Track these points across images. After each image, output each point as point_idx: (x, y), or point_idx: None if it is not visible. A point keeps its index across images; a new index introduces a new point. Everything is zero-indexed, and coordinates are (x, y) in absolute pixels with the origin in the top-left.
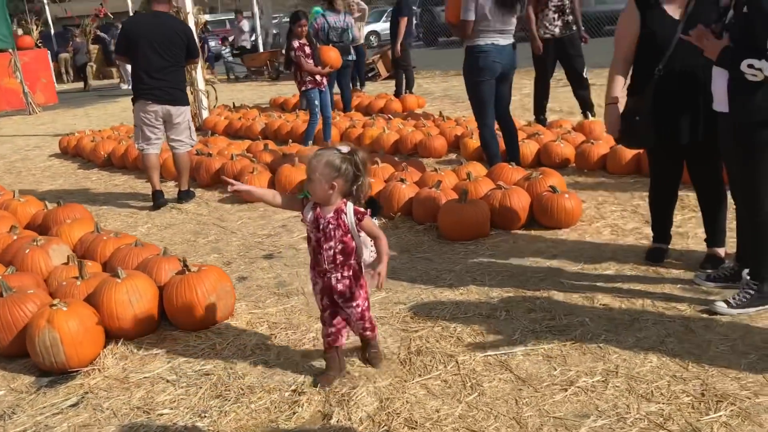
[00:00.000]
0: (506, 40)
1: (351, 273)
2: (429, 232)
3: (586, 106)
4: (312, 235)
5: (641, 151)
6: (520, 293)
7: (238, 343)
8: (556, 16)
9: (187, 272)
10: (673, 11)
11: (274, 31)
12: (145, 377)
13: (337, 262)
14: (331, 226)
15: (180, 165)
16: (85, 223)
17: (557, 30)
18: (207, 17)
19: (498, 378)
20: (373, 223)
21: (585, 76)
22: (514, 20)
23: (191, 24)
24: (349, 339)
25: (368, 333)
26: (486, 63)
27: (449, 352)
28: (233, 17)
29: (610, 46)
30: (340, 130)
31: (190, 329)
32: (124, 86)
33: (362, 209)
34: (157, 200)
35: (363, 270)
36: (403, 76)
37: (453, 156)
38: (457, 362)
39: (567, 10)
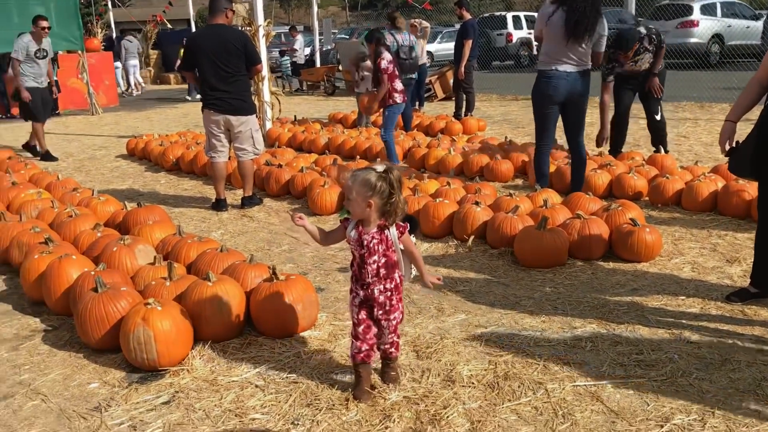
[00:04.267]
0: (574, 67)
1: (393, 285)
2: (504, 257)
3: (660, 141)
4: (356, 252)
5: (719, 189)
6: (603, 325)
7: (323, 353)
8: (646, 56)
9: (275, 280)
10: None
11: (329, 47)
12: (233, 381)
13: (381, 275)
14: (374, 241)
15: (243, 172)
16: (165, 226)
17: (643, 66)
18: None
19: (590, 409)
20: (410, 239)
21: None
22: (584, 49)
23: (261, 37)
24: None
25: (392, 350)
26: (549, 89)
27: (537, 379)
28: (287, 31)
29: (686, 79)
30: (403, 150)
31: (275, 336)
32: (189, 98)
33: (402, 224)
34: (219, 207)
35: (406, 281)
36: (464, 99)
37: (519, 181)
38: (546, 390)
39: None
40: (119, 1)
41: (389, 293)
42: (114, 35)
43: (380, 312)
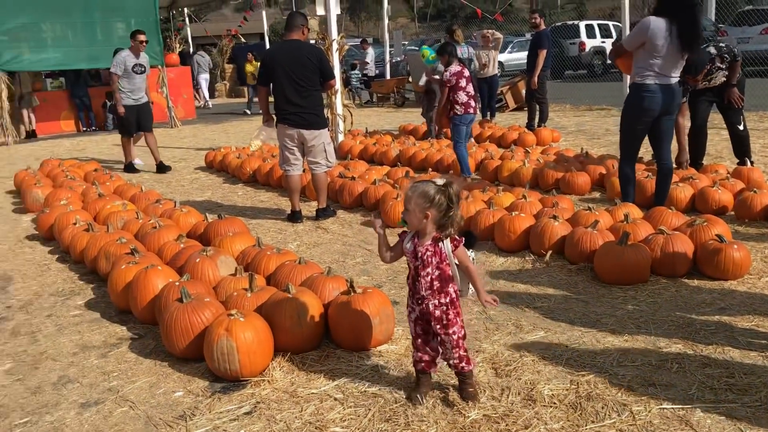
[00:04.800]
0: (675, 79)
1: (448, 300)
2: (583, 272)
3: (745, 153)
4: (411, 264)
5: None
6: (690, 345)
7: (400, 367)
8: (719, 74)
9: (352, 293)
10: None
11: (399, 58)
12: (312, 393)
13: (434, 288)
14: (428, 253)
15: (317, 184)
16: (245, 237)
17: (718, 82)
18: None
19: None
20: (465, 253)
21: (743, 123)
22: (683, 60)
23: (334, 51)
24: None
25: (463, 365)
26: (649, 103)
27: (621, 401)
28: (357, 44)
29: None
30: (476, 161)
31: (352, 349)
32: (248, 112)
33: (457, 237)
34: (294, 219)
35: (463, 297)
36: (537, 109)
37: (596, 194)
38: (631, 412)
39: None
40: (195, 17)
41: (445, 308)
42: (191, 50)
43: (438, 326)
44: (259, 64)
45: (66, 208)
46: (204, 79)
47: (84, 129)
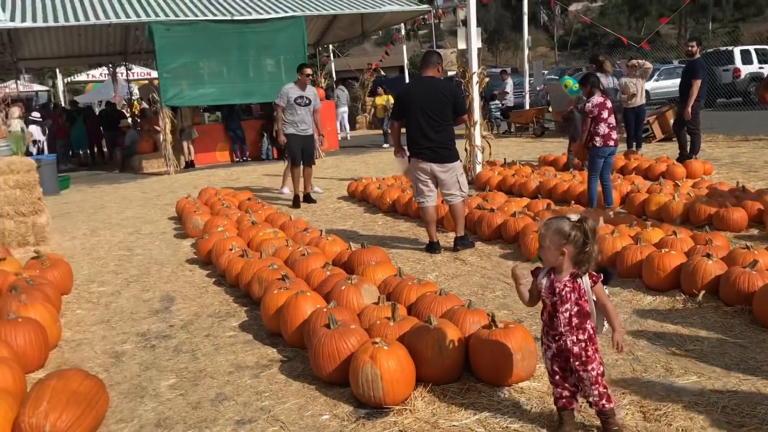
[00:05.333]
0: None
1: (586, 336)
2: (740, 315)
3: None
4: (548, 300)
5: None
6: None
7: (543, 405)
8: None
9: (494, 327)
10: None
11: (539, 88)
12: (454, 425)
13: (573, 324)
14: (567, 289)
15: (454, 213)
16: (386, 266)
17: None
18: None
19: None
20: (603, 290)
21: None
22: None
23: (474, 84)
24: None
25: (603, 403)
26: None
27: None
28: (496, 74)
29: None
30: (621, 194)
31: (492, 384)
32: (386, 145)
33: (596, 273)
34: (433, 250)
35: (597, 334)
36: (688, 140)
37: (754, 232)
38: None
39: None
40: (338, 52)
41: (583, 344)
42: (334, 85)
43: (577, 363)
44: (388, 97)
45: (223, 235)
46: (343, 112)
47: (237, 159)
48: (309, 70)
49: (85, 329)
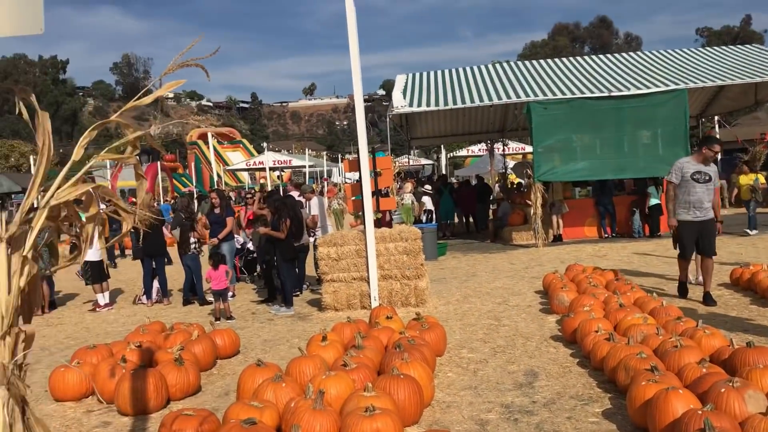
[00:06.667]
0: None
1: None
2: None
3: None
4: None
5: None
6: None
7: None
8: None
9: None
10: None
11: None
12: None
13: None
14: None
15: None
16: None
17: None
18: None
19: None
20: None
21: None
22: None
23: None
24: None
25: None
26: None
27: None
28: None
29: None
30: None
31: None
32: (752, 231)
33: None
34: None
35: None
36: None
37: None
38: None
39: None
40: (725, 122)
41: None
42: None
43: None
44: (757, 176)
45: (589, 315)
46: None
47: (605, 235)
48: (718, 147)
49: (454, 392)
